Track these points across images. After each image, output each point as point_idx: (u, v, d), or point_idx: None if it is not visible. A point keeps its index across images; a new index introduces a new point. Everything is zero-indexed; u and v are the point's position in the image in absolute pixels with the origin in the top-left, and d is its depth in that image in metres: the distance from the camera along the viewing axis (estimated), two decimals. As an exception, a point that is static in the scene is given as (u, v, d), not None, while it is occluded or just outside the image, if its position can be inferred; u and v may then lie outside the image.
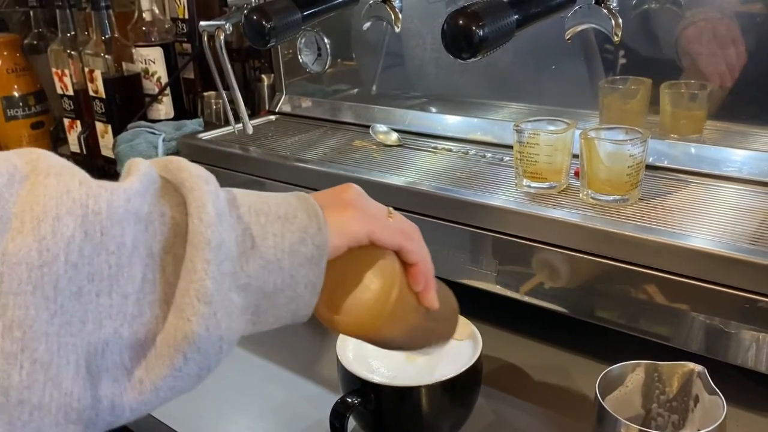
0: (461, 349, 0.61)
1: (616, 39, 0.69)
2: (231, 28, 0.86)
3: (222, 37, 0.87)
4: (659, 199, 0.69)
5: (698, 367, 0.51)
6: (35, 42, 1.49)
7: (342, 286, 0.42)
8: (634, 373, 0.53)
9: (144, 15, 1.19)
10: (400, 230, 0.44)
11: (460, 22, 0.57)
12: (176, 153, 0.99)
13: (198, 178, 0.36)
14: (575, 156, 0.72)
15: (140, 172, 0.35)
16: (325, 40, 1.00)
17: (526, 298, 0.69)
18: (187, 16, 1.22)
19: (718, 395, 0.48)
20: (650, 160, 0.74)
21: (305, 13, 0.77)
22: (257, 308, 0.37)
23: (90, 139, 1.28)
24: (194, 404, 0.66)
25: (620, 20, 0.69)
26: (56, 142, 1.40)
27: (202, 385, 0.67)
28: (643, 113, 0.79)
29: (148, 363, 0.33)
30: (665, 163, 0.76)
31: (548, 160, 0.71)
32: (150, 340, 0.33)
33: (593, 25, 0.71)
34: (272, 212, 0.38)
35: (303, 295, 0.39)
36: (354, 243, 0.41)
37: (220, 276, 0.34)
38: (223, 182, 0.38)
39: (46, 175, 0.31)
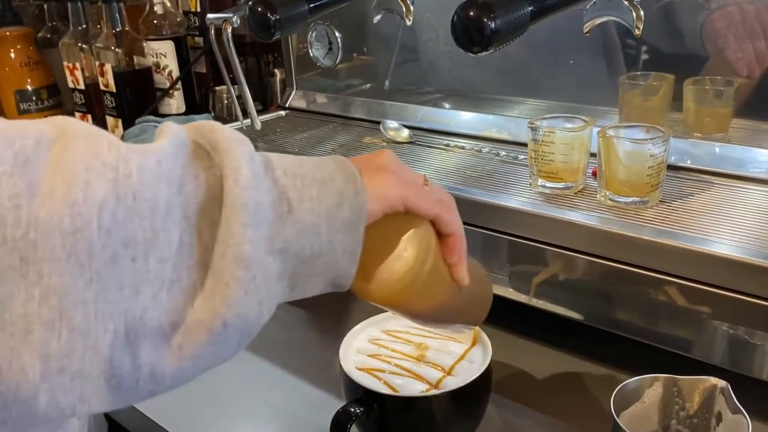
0: (471, 356, 0.58)
1: (637, 32, 0.66)
2: (239, 21, 0.84)
3: (230, 30, 0.85)
4: (681, 201, 0.66)
5: (721, 383, 0.48)
6: (49, 35, 1.49)
7: (374, 254, 0.40)
8: (652, 387, 0.50)
9: (155, 8, 1.18)
10: (437, 199, 0.43)
11: (471, 13, 0.55)
12: (184, 149, 0.97)
13: (232, 140, 0.35)
14: (593, 155, 0.69)
15: (170, 135, 0.34)
16: (337, 34, 0.98)
17: (539, 304, 0.66)
18: (199, 9, 1.21)
19: (743, 414, 0.45)
20: (672, 159, 0.71)
21: (312, 5, 0.75)
22: (295, 274, 0.36)
23: (101, 133, 1.27)
24: (195, 408, 0.65)
25: (642, 13, 0.66)
26: (68, 137, 1.39)
27: (204, 388, 0.67)
28: (665, 111, 0.76)
29: (187, 329, 0.32)
30: (688, 164, 0.73)
31: (564, 160, 0.68)
32: (189, 305, 0.32)
33: (613, 18, 0.68)
34: (308, 175, 0.37)
35: (341, 262, 0.38)
36: (389, 209, 0.40)
37: (257, 239, 0.33)
38: None
39: (73, 139, 0.30)
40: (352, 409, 0.53)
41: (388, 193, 0.40)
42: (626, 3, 0.65)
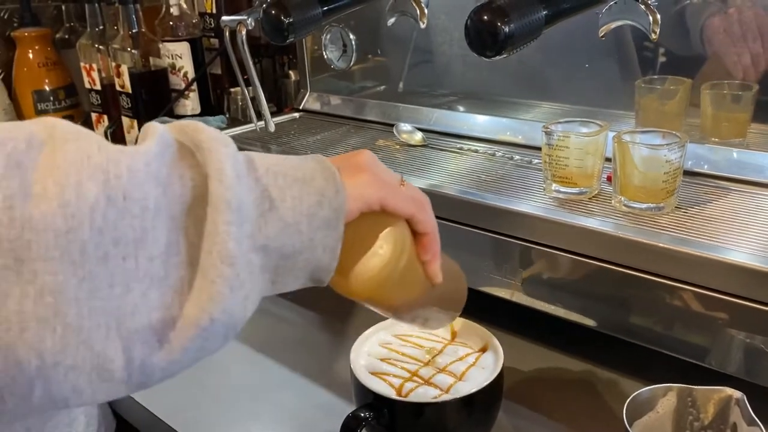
0: (482, 362, 0.58)
1: (654, 36, 0.65)
2: (253, 23, 0.84)
3: (244, 32, 0.85)
4: (697, 208, 0.65)
5: (737, 393, 0.47)
6: (67, 36, 1.50)
7: (351, 251, 0.42)
8: (666, 397, 0.49)
9: (171, 10, 1.19)
10: (412, 198, 0.44)
11: (485, 17, 0.54)
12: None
13: (216, 140, 0.36)
14: (608, 160, 0.68)
15: (156, 135, 0.35)
16: (351, 36, 0.98)
17: (552, 310, 0.65)
18: (214, 11, 1.21)
19: (758, 425, 0.45)
20: (688, 165, 0.70)
21: (326, 8, 0.75)
22: (276, 269, 0.38)
23: (117, 134, 1.28)
24: (204, 409, 0.65)
25: (659, 16, 0.65)
26: (85, 137, 1.40)
27: (214, 388, 0.67)
28: (682, 115, 0.75)
29: (176, 324, 0.33)
30: (705, 169, 0.72)
31: (579, 164, 0.68)
32: (177, 301, 0.33)
33: (629, 22, 0.67)
34: (290, 174, 0.38)
35: (321, 258, 0.39)
36: (366, 208, 0.41)
37: (240, 237, 0.34)
38: None
39: (64, 141, 0.31)
40: (362, 414, 0.53)
41: (366, 193, 0.41)
42: (642, 7, 0.65)
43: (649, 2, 0.65)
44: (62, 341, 0.30)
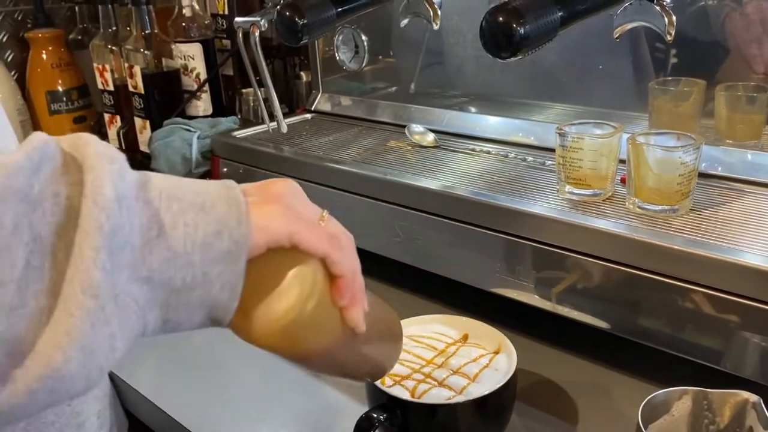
0: (495, 363, 0.58)
1: (669, 38, 0.65)
2: (266, 25, 0.84)
3: (257, 33, 0.85)
4: (712, 210, 0.65)
5: (753, 397, 0.47)
6: (80, 37, 1.51)
7: (255, 290, 0.38)
8: (681, 400, 0.49)
9: (184, 11, 1.19)
10: (329, 236, 0.40)
11: (500, 19, 0.54)
12: (210, 150, 0.97)
13: (101, 155, 0.32)
14: (622, 161, 0.68)
15: (32, 147, 0.31)
16: (363, 38, 0.98)
17: (565, 312, 0.65)
18: (227, 12, 1.21)
19: (775, 430, 0.44)
20: (703, 167, 0.70)
21: (339, 10, 0.75)
22: (166, 305, 0.34)
23: (129, 134, 1.29)
24: (215, 409, 0.65)
25: (674, 18, 0.65)
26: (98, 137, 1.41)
27: (226, 388, 0.67)
28: (696, 117, 0.75)
29: (24, 361, 0.29)
30: (719, 171, 0.72)
31: (593, 166, 0.67)
32: (30, 334, 0.29)
33: (644, 23, 0.67)
34: (187, 199, 0.34)
35: (219, 297, 0.35)
36: (273, 243, 0.37)
37: (112, 266, 0.31)
38: (257, 181, 0.35)
39: None
40: (375, 415, 0.53)
41: (274, 226, 0.37)
42: (657, 8, 0.65)
43: (665, 3, 0.64)
44: None
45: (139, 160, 1.29)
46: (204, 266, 0.34)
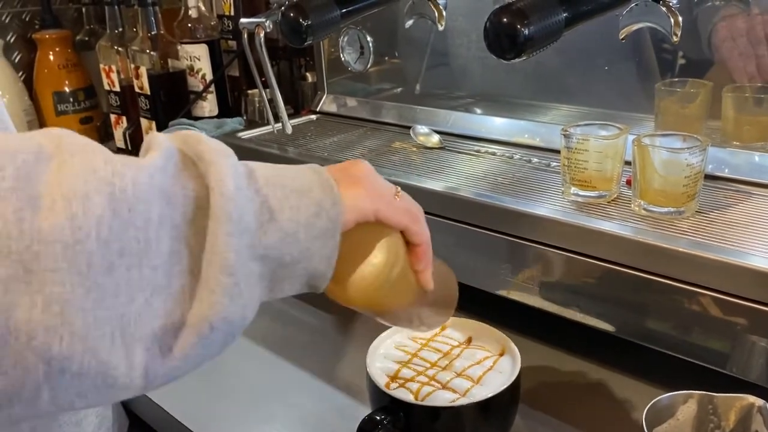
0: (499, 366, 0.58)
1: (675, 39, 0.65)
2: (271, 26, 0.84)
3: (262, 34, 0.85)
4: (718, 212, 0.64)
5: (759, 401, 0.47)
6: (87, 38, 1.51)
7: (347, 260, 0.43)
8: (686, 404, 0.49)
9: (190, 12, 1.19)
10: (407, 210, 0.46)
11: (504, 19, 0.54)
12: (216, 151, 0.98)
13: (217, 152, 0.37)
14: (627, 163, 0.67)
15: (160, 147, 0.36)
16: (368, 39, 0.98)
17: (570, 315, 0.65)
18: (233, 13, 1.21)
19: (781, 434, 0.44)
20: (709, 168, 0.69)
21: (344, 11, 0.75)
22: (274, 276, 0.39)
23: (135, 135, 1.29)
24: (220, 410, 0.65)
25: (680, 18, 0.64)
26: (104, 138, 1.41)
27: (229, 389, 0.67)
28: (703, 118, 0.74)
29: (177, 332, 0.34)
30: (726, 173, 0.71)
31: (598, 168, 0.67)
32: (178, 309, 0.34)
33: (650, 24, 0.66)
34: (288, 185, 0.39)
35: (318, 267, 0.40)
36: (362, 219, 0.43)
37: (240, 248, 0.35)
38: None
39: (71, 155, 0.32)
40: (378, 417, 0.53)
41: (362, 205, 0.43)
42: (664, 9, 0.64)
43: (671, 4, 0.64)
44: (69, 349, 0.31)
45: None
46: (307, 242, 0.39)
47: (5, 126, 0.46)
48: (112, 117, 1.35)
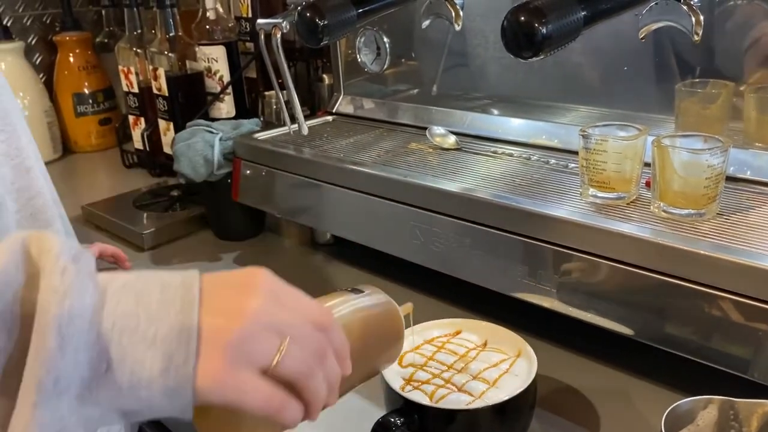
0: (515, 369, 0.57)
1: (696, 38, 0.64)
2: (288, 27, 0.84)
3: (279, 35, 0.85)
4: (740, 214, 0.63)
5: (781, 407, 0.45)
6: (106, 40, 1.53)
7: (220, 417, 0.38)
8: (706, 410, 0.48)
9: (208, 14, 1.20)
10: (272, 393, 0.38)
11: (522, 18, 0.53)
12: (232, 152, 0.98)
13: (54, 292, 0.32)
14: (647, 164, 0.66)
15: (7, 249, 0.33)
16: (385, 40, 0.98)
17: (588, 318, 0.64)
18: (250, 15, 1.22)
19: (805, 441, 0.43)
20: (731, 170, 0.68)
21: (360, 11, 0.75)
22: (122, 413, 0.35)
23: (153, 136, 1.30)
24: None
25: (702, 17, 0.63)
26: (122, 139, 1.43)
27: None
28: (724, 119, 0.73)
29: None
30: (748, 175, 0.70)
31: (617, 169, 0.66)
32: None
33: (671, 23, 0.65)
34: (140, 331, 0.34)
35: (173, 414, 0.35)
36: (218, 402, 0.36)
37: (54, 410, 0.32)
38: (279, 183, 0.34)
39: None
40: (392, 420, 0.53)
41: (218, 391, 0.35)
42: (685, 7, 0.63)
43: (692, 2, 0.63)
44: None
45: (163, 163, 1.30)
46: (150, 400, 0.34)
47: (13, 128, 0.46)
48: (131, 118, 1.36)
